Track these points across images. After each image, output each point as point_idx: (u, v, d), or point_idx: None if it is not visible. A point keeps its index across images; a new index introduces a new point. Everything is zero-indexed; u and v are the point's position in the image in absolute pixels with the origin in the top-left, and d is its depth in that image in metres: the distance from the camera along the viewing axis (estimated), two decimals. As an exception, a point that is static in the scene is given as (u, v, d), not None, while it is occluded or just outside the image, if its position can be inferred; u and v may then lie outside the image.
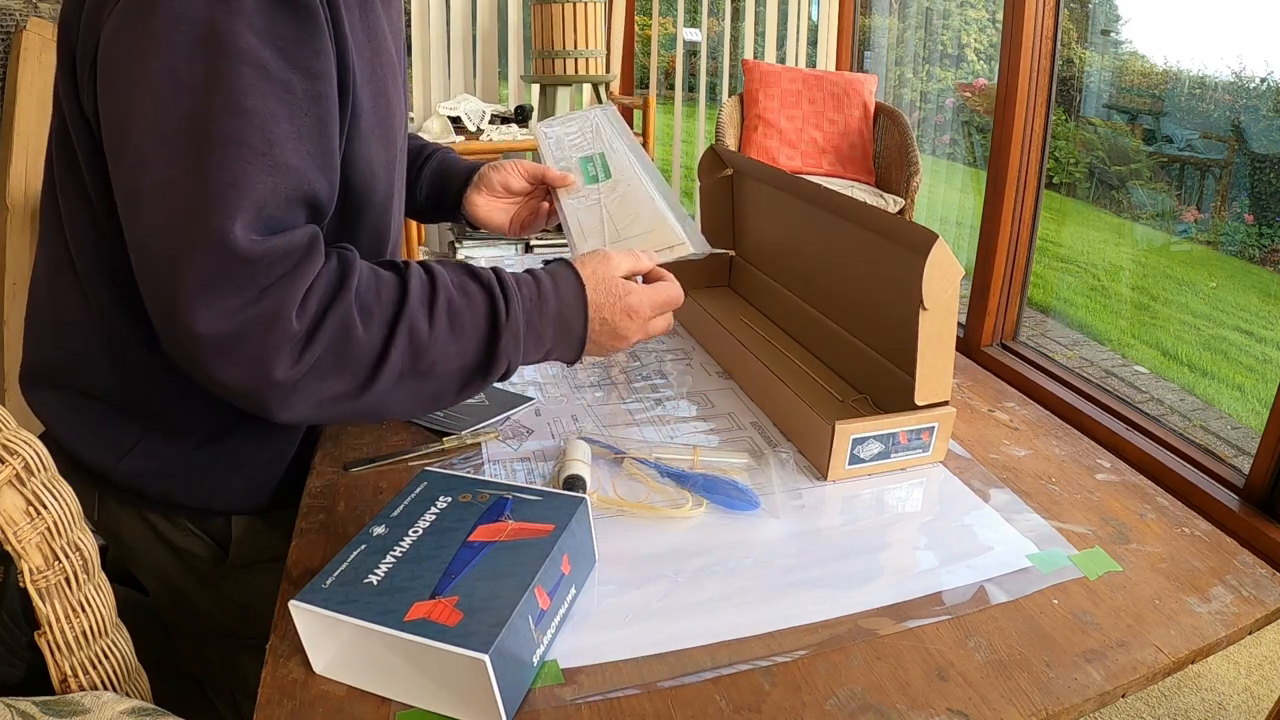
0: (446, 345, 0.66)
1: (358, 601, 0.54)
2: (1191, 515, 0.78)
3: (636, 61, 3.78)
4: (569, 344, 0.75)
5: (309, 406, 0.62)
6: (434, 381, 0.67)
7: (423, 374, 0.66)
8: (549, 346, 0.73)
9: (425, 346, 0.65)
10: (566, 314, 0.73)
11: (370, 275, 0.65)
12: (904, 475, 0.83)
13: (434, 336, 0.65)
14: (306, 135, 0.62)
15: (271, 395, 0.60)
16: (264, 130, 0.59)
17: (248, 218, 0.58)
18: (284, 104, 0.60)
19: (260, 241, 0.58)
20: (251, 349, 0.58)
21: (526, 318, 0.70)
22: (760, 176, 1.22)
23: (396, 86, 0.79)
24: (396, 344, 0.63)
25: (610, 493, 0.78)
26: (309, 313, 0.60)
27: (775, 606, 0.64)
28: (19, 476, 0.54)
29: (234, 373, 0.59)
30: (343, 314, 0.61)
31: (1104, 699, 0.57)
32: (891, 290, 0.90)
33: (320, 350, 0.60)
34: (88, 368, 0.76)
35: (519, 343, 0.70)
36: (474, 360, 0.68)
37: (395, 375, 0.64)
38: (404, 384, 0.65)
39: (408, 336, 0.64)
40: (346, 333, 0.61)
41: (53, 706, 0.53)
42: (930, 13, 4.10)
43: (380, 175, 0.76)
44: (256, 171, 0.58)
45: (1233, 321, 3.07)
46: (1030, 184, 2.43)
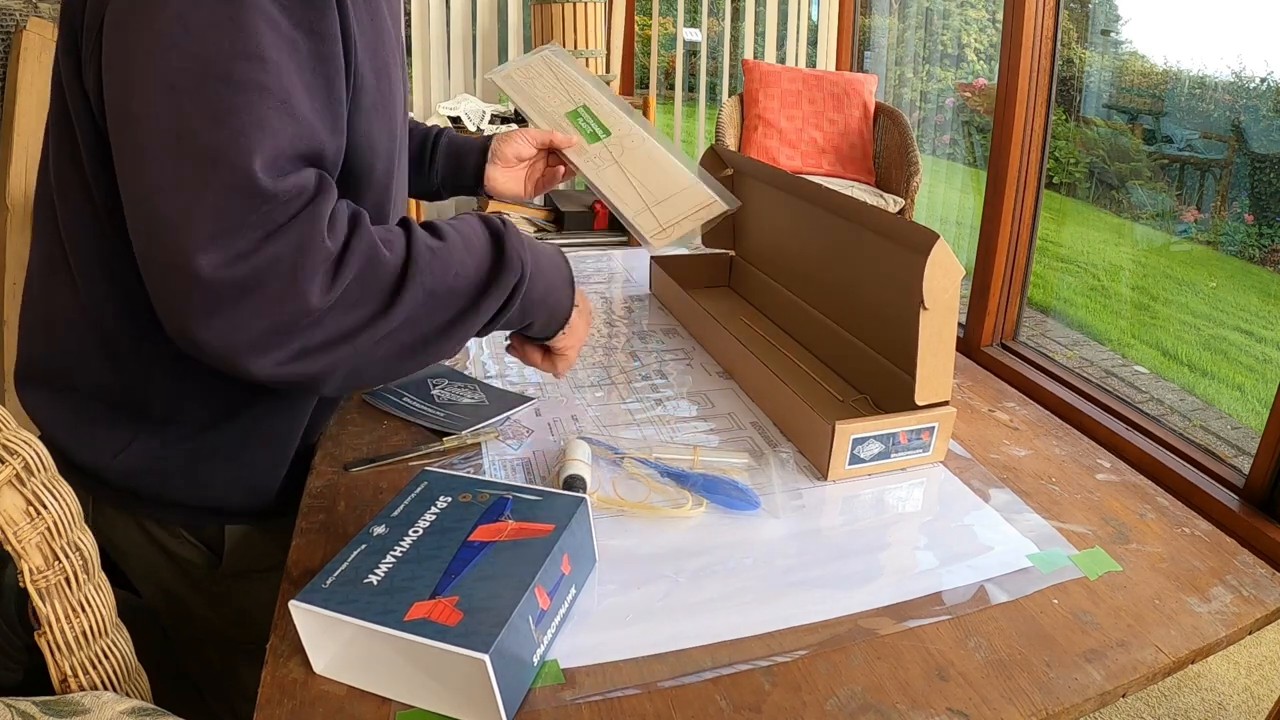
0: (461, 256, 0.67)
1: (358, 601, 0.54)
2: (1191, 515, 0.78)
3: (636, 61, 3.77)
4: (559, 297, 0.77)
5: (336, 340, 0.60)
6: (458, 292, 0.67)
7: (444, 288, 0.65)
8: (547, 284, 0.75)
9: (442, 256, 0.65)
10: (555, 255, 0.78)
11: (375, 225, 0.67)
12: (904, 475, 0.83)
13: (446, 249, 0.66)
14: (315, 93, 0.62)
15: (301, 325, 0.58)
16: (281, 79, 0.58)
17: (266, 158, 0.57)
18: (293, 59, 0.60)
19: (278, 180, 0.58)
20: (286, 272, 0.57)
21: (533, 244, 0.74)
22: (760, 176, 1.22)
23: (398, 68, 0.79)
24: (416, 260, 0.63)
25: (610, 493, 0.78)
26: (338, 235, 0.60)
27: (775, 606, 0.64)
28: (19, 476, 0.54)
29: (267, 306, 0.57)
30: (367, 240, 0.62)
31: (1104, 699, 0.57)
32: (892, 290, 0.90)
33: (353, 272, 0.60)
34: (81, 365, 0.76)
35: (522, 243, 0.71)
36: (484, 262, 0.69)
37: (422, 289, 0.63)
38: (429, 300, 0.64)
39: (427, 251, 0.65)
40: (373, 255, 0.61)
41: (53, 706, 0.53)
42: (930, 13, 4.10)
43: (381, 153, 0.75)
44: (278, 118, 0.58)
45: (1233, 321, 3.07)
46: (1030, 184, 2.43)
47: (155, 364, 0.74)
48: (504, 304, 0.70)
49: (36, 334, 0.79)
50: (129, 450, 0.77)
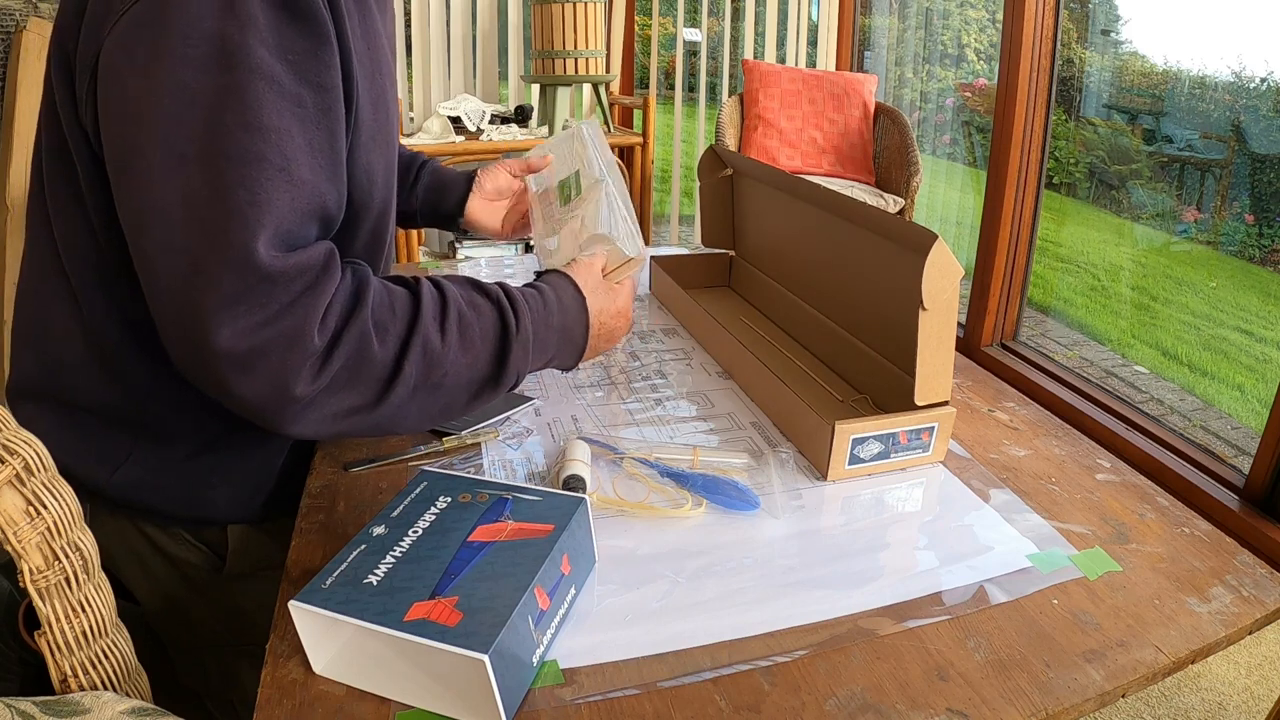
0: (458, 358, 0.67)
1: (357, 601, 0.54)
2: (1191, 515, 0.78)
3: (636, 61, 3.77)
4: (570, 351, 0.78)
5: (323, 421, 0.63)
6: (446, 394, 0.68)
7: (435, 387, 0.66)
8: (551, 354, 0.76)
9: (438, 359, 0.66)
10: (570, 323, 0.77)
11: (383, 291, 0.66)
12: (904, 475, 0.83)
13: (446, 349, 0.66)
14: (318, 149, 0.62)
15: (288, 410, 0.61)
16: (280, 146, 0.59)
17: (269, 234, 0.58)
18: (297, 118, 0.60)
19: (281, 258, 0.58)
20: (273, 365, 0.58)
21: (534, 329, 0.72)
22: (760, 176, 1.22)
23: (393, 93, 0.79)
24: (410, 358, 0.64)
25: (610, 493, 0.78)
26: (329, 330, 0.61)
27: (775, 606, 0.64)
28: (19, 476, 0.54)
29: (253, 388, 0.59)
30: (360, 331, 0.62)
31: (1104, 699, 0.57)
32: (891, 290, 0.90)
33: (338, 366, 0.61)
34: (77, 378, 0.75)
35: (527, 353, 0.72)
36: (485, 372, 0.69)
37: (409, 389, 0.64)
38: (417, 397, 0.65)
39: (421, 350, 0.65)
40: (364, 349, 0.62)
41: (53, 706, 0.53)
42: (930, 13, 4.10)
43: (379, 183, 0.76)
44: (275, 188, 0.58)
45: (1233, 321, 3.07)
46: (1030, 184, 2.43)
47: (157, 381, 0.74)
48: (501, 390, 0.72)
49: (30, 346, 0.77)
50: (127, 464, 0.77)
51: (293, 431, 0.62)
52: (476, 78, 3.30)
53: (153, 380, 0.74)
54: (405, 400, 0.65)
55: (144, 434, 0.77)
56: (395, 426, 0.67)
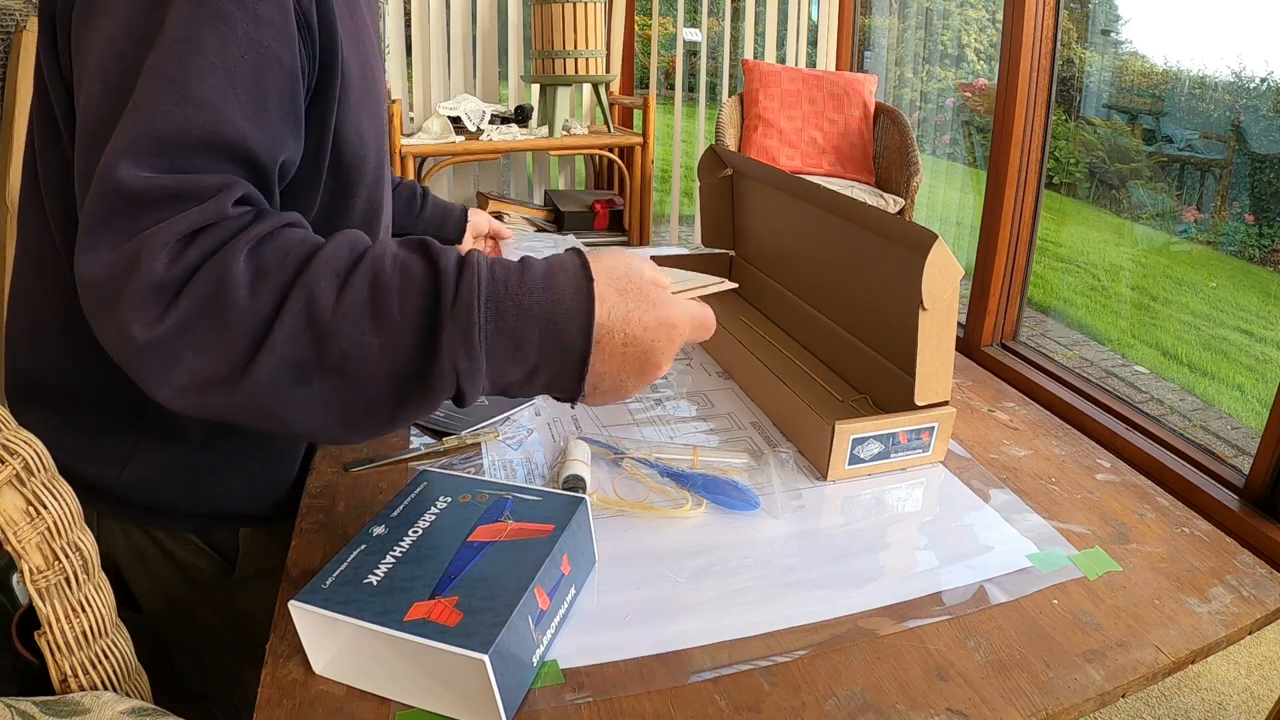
0: (364, 332, 0.49)
1: (357, 601, 0.54)
2: (1191, 515, 0.78)
3: (636, 61, 3.77)
4: (562, 363, 0.53)
5: (184, 389, 0.50)
6: (353, 387, 0.50)
7: (333, 371, 0.50)
8: (534, 362, 0.52)
9: (328, 328, 0.49)
10: (559, 315, 0.52)
11: (295, 236, 0.53)
12: (904, 475, 0.83)
13: (341, 314, 0.49)
14: (239, 80, 0.54)
15: (138, 361, 0.49)
16: (183, 61, 0.52)
17: (142, 151, 0.50)
18: (216, 36, 0.53)
19: (148, 178, 0.50)
20: (113, 297, 0.49)
21: (492, 305, 0.51)
22: (760, 176, 1.22)
23: (378, 61, 0.78)
24: (285, 315, 0.48)
25: (610, 493, 0.78)
26: (185, 261, 0.49)
27: (775, 606, 0.64)
28: (19, 476, 0.54)
29: (104, 328, 0.50)
30: (223, 266, 0.48)
31: (1104, 699, 0.57)
32: (891, 290, 0.90)
33: (188, 307, 0.48)
34: (75, 374, 0.74)
35: (472, 341, 0.50)
36: (408, 363, 0.50)
37: (289, 365, 0.49)
38: (308, 383, 0.50)
39: (303, 308, 0.49)
40: (222, 290, 0.48)
41: (53, 706, 0.53)
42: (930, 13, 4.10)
43: (370, 145, 0.75)
44: (163, 102, 0.51)
45: (1233, 321, 3.07)
46: (1030, 184, 2.43)
47: None
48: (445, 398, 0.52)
49: (27, 345, 0.77)
50: (134, 461, 0.76)
51: (159, 395, 0.51)
52: (476, 78, 3.30)
53: None
54: (287, 381, 0.49)
55: (147, 428, 0.76)
56: (289, 420, 0.51)
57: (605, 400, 0.57)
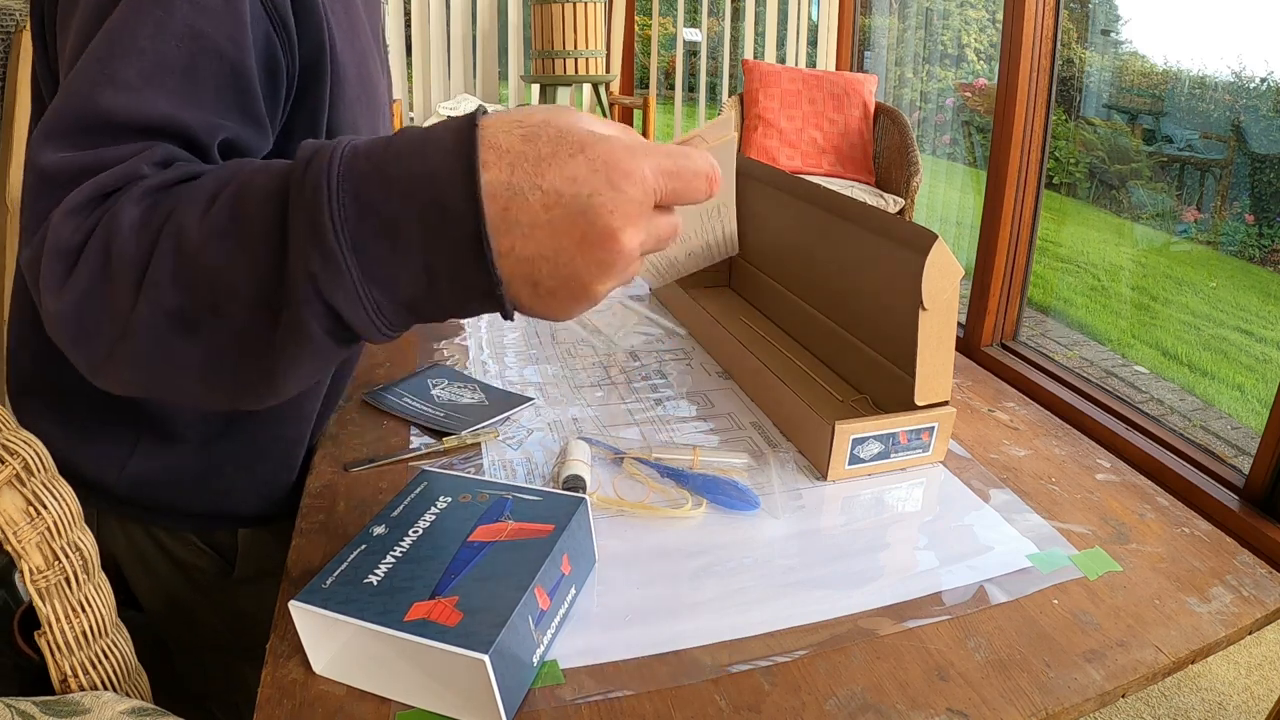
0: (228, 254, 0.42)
1: (357, 601, 0.54)
2: (1191, 515, 0.78)
3: (636, 61, 3.78)
4: (455, 243, 0.40)
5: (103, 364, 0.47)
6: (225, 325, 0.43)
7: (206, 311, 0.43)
8: (420, 250, 0.41)
9: (195, 259, 0.43)
10: (438, 177, 0.40)
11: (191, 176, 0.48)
12: (904, 475, 0.83)
13: (203, 239, 0.42)
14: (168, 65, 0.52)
15: (61, 338, 0.47)
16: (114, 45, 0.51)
17: (63, 132, 0.49)
18: (153, 22, 0.51)
19: (67, 156, 0.48)
20: (34, 277, 0.47)
21: (348, 182, 0.40)
22: (760, 176, 1.22)
23: (377, 63, 0.78)
24: (156, 258, 0.43)
25: (610, 493, 0.78)
26: (87, 225, 0.45)
27: (775, 606, 0.64)
28: (19, 476, 0.54)
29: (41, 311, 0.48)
30: (113, 219, 0.44)
31: (1104, 699, 0.57)
32: (891, 290, 0.90)
33: (85, 272, 0.44)
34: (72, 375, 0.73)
35: (324, 230, 0.40)
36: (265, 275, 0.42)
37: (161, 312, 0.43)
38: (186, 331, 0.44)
39: (173, 246, 0.43)
40: (110, 244, 0.44)
41: (53, 706, 0.53)
42: (930, 13, 4.10)
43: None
44: (87, 84, 0.50)
45: (1233, 321, 3.07)
46: (1030, 184, 2.43)
47: None
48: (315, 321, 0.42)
49: (27, 343, 0.77)
50: (134, 459, 0.76)
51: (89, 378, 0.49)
52: (476, 78, 3.30)
53: None
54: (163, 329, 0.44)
55: (147, 425, 0.76)
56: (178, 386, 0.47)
57: (562, 306, 0.42)
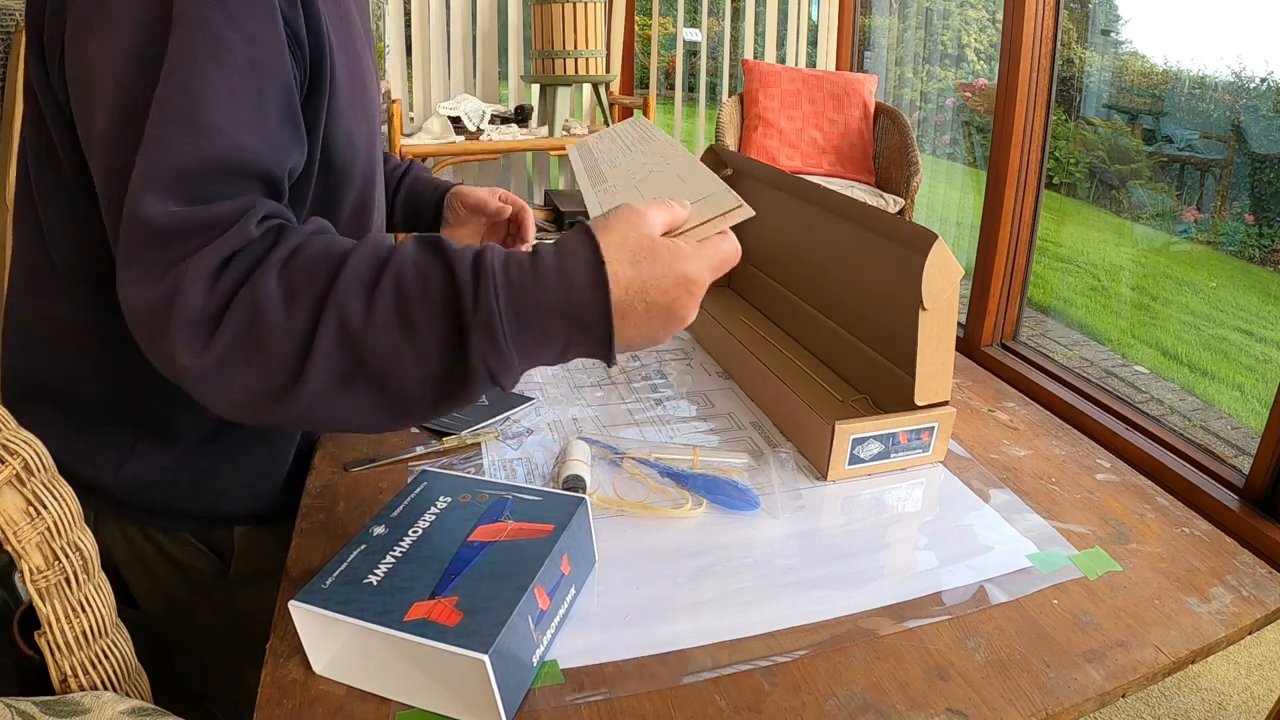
0: (396, 344, 0.52)
1: (357, 601, 0.54)
2: (1191, 515, 0.78)
3: (636, 61, 3.78)
4: (589, 341, 0.55)
5: (234, 406, 0.54)
6: (394, 392, 0.53)
7: (374, 379, 0.53)
8: (561, 345, 0.55)
9: (363, 342, 0.52)
10: (578, 303, 0.53)
11: (319, 248, 0.55)
12: (904, 475, 0.83)
13: (373, 330, 0.51)
14: (242, 99, 0.57)
15: (193, 385, 0.53)
16: (189, 90, 0.54)
17: (162, 185, 0.53)
18: (217, 62, 0.55)
19: (175, 213, 0.52)
20: (157, 332, 0.53)
21: (512, 309, 0.52)
22: (760, 176, 1.22)
23: (369, 63, 0.78)
24: (322, 335, 0.51)
25: (610, 493, 0.78)
26: (219, 292, 0.52)
27: (775, 606, 0.64)
28: (19, 476, 0.54)
29: (154, 354, 0.54)
30: (256, 292, 0.51)
31: (1104, 699, 0.57)
32: (891, 290, 0.90)
33: (229, 336, 0.51)
34: (71, 375, 0.74)
35: (498, 344, 0.52)
36: (441, 366, 0.53)
37: (333, 377, 0.52)
38: (353, 390, 0.53)
39: (337, 326, 0.51)
40: (258, 316, 0.51)
41: (53, 706, 0.53)
42: (930, 13, 4.10)
43: (360, 149, 0.75)
44: (174, 134, 0.53)
45: (1233, 321, 3.07)
46: (1030, 184, 2.43)
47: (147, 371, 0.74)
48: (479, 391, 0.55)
49: (24, 348, 0.77)
50: (131, 461, 0.76)
51: (216, 411, 0.55)
52: (476, 78, 3.30)
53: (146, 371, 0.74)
54: (333, 391, 0.52)
55: (144, 427, 0.76)
56: (342, 424, 0.56)
57: (639, 348, 0.59)
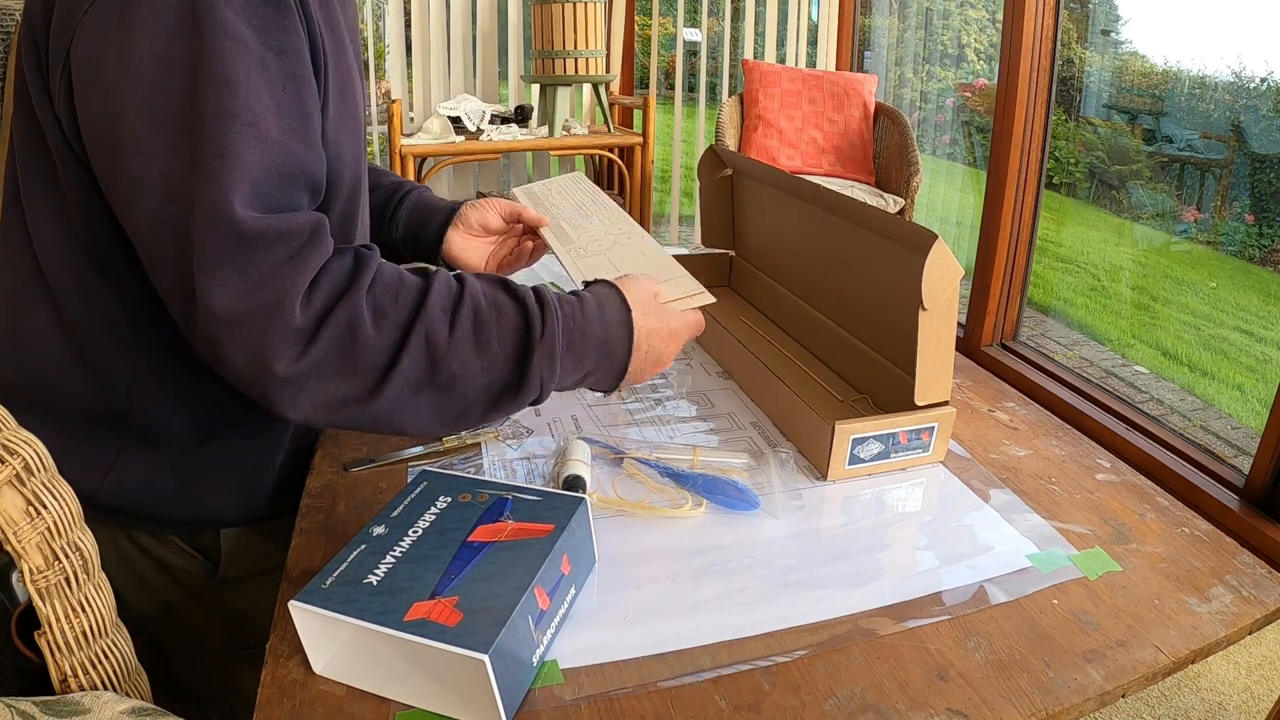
0: (470, 358, 0.63)
1: (357, 601, 0.54)
2: (1191, 515, 0.78)
3: (636, 61, 3.78)
4: (609, 370, 0.71)
5: (315, 407, 0.60)
6: (457, 398, 0.63)
7: (443, 388, 0.62)
8: (588, 369, 0.70)
9: (443, 357, 0.61)
10: (611, 338, 0.70)
11: (392, 275, 0.63)
12: (904, 475, 0.83)
13: (454, 346, 0.62)
14: (287, 111, 0.61)
15: (274, 390, 0.58)
16: (248, 102, 0.58)
17: (243, 191, 0.57)
18: (263, 79, 0.59)
19: (258, 218, 0.57)
20: (253, 338, 0.56)
21: (566, 336, 0.67)
22: (760, 176, 1.22)
23: (358, 79, 0.79)
24: (409, 349, 0.60)
25: (610, 493, 0.78)
26: (314, 306, 0.58)
27: (775, 606, 0.64)
28: (19, 476, 0.54)
29: (238, 358, 0.57)
30: (352, 311, 0.59)
31: (1104, 699, 0.57)
32: (891, 290, 0.90)
33: (325, 348, 0.58)
34: (59, 381, 0.74)
35: (554, 362, 0.66)
36: (502, 378, 0.65)
37: (409, 385, 0.61)
38: (421, 396, 0.62)
39: (424, 343, 0.61)
40: (354, 331, 0.59)
41: (53, 706, 0.53)
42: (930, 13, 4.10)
43: (348, 162, 0.75)
44: (244, 143, 0.57)
45: (1233, 321, 3.07)
46: (1030, 184, 2.43)
47: (139, 380, 0.74)
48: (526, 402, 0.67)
49: (11, 353, 0.76)
50: (116, 468, 0.76)
51: (286, 414, 0.60)
52: (476, 78, 3.30)
53: (135, 379, 0.74)
54: (407, 396, 0.61)
55: (131, 435, 0.76)
56: (402, 425, 0.64)
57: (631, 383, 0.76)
